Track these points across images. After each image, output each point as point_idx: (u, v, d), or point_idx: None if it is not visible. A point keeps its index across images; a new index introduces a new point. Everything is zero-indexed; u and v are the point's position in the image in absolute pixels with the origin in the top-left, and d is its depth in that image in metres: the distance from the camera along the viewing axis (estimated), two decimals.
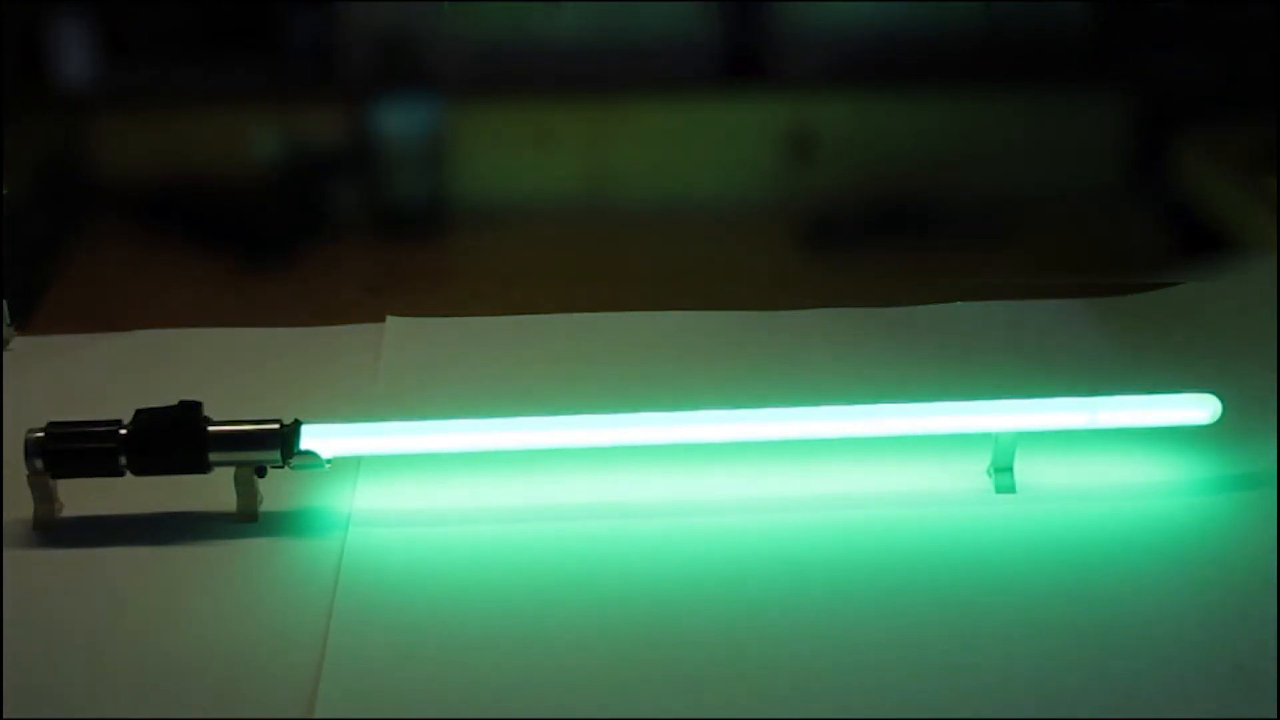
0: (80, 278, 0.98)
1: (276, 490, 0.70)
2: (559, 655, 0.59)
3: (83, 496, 0.68)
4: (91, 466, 0.67)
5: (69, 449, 0.66)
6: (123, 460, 0.67)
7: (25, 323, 0.85)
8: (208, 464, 0.67)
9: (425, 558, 0.66)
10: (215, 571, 0.65)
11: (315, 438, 0.68)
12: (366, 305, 0.87)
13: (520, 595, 0.63)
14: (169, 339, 0.83)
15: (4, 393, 0.75)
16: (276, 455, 0.67)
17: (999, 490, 0.70)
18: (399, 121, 1.27)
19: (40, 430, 0.67)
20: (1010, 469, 0.70)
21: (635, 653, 0.60)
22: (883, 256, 1.05)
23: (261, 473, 0.69)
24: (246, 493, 0.68)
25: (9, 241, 0.86)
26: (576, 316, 0.86)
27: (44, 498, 0.68)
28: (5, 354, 0.82)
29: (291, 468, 0.68)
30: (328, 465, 0.68)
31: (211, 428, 0.67)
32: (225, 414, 0.68)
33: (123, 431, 0.66)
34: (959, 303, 0.86)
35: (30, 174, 1.13)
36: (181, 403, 0.68)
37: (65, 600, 0.63)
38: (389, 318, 0.85)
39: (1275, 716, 0.56)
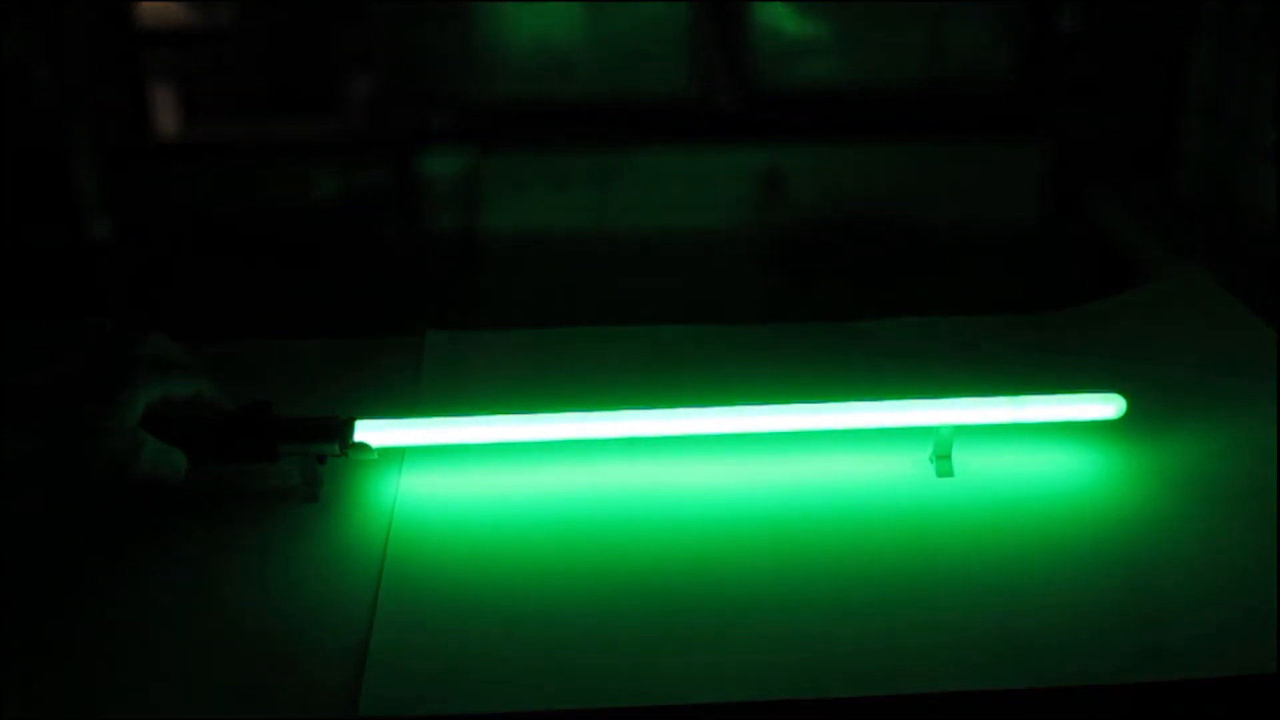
0: (169, 296, 0.98)
1: (334, 476, 0.69)
2: (581, 611, 0.60)
3: None
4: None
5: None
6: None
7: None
8: (277, 453, 0.67)
9: (459, 531, 0.66)
10: (283, 543, 0.65)
11: (366, 431, 0.67)
12: (410, 320, 0.87)
13: (541, 564, 0.63)
14: (244, 349, 0.83)
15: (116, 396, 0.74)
16: (334, 446, 0.67)
17: (939, 475, 0.70)
18: (440, 166, 1.27)
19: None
20: (949, 457, 0.70)
21: (632, 605, 0.60)
22: (840, 277, 1.05)
23: (322, 461, 0.68)
24: (309, 478, 0.68)
25: (114, 266, 0.86)
26: (589, 329, 0.85)
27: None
28: None
29: (347, 457, 0.68)
30: (376, 455, 0.68)
31: (280, 422, 0.67)
32: (291, 411, 0.67)
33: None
34: (905, 317, 0.86)
35: (132, 211, 1.13)
36: (254, 401, 0.67)
37: (156, 562, 0.63)
38: (428, 331, 0.84)
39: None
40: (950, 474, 0.70)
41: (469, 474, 0.70)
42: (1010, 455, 0.71)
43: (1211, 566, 0.62)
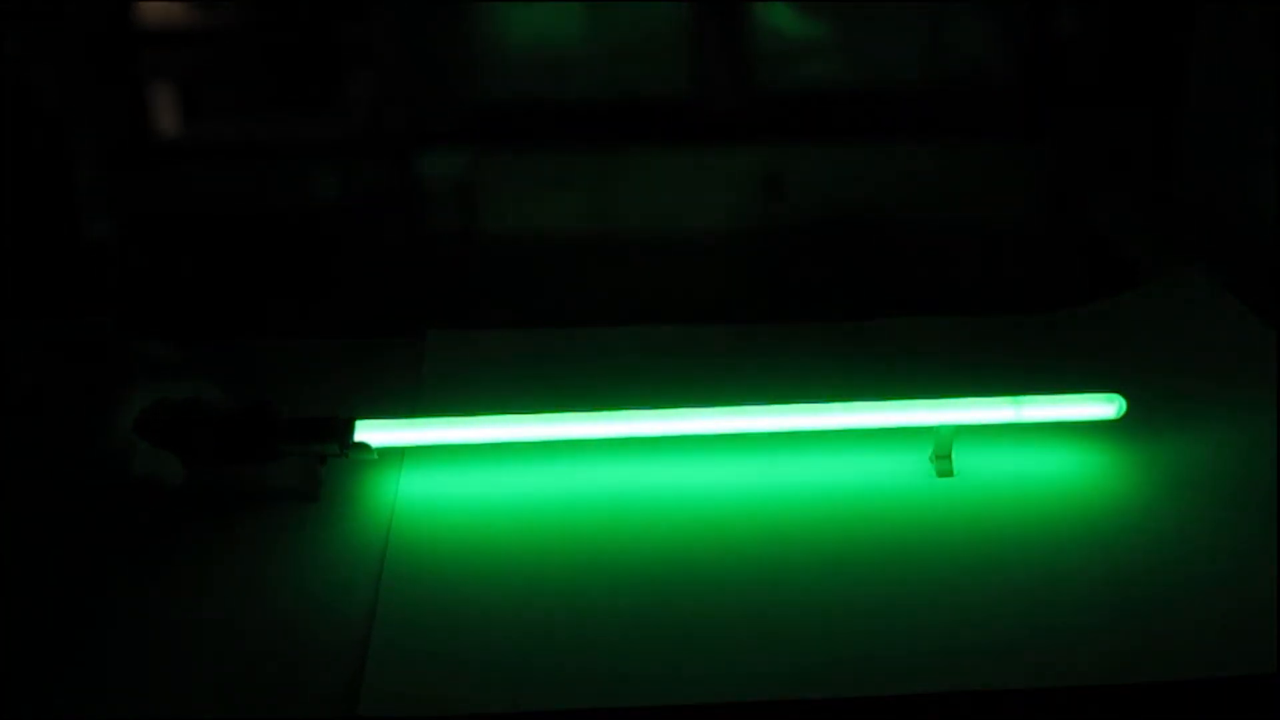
0: (169, 296, 0.98)
1: (335, 476, 0.69)
2: (576, 606, 0.60)
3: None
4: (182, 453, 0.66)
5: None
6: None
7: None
8: (278, 453, 0.67)
9: (459, 532, 0.66)
10: (283, 543, 0.65)
11: (367, 431, 0.67)
12: (410, 320, 0.87)
13: (540, 564, 0.63)
14: (244, 349, 0.83)
15: (113, 399, 0.74)
16: (335, 446, 0.67)
17: (939, 475, 0.70)
18: (440, 166, 1.27)
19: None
20: (949, 457, 0.70)
21: (629, 606, 0.60)
22: (840, 277, 1.05)
23: (322, 460, 0.68)
24: (309, 477, 0.68)
25: (114, 266, 0.86)
26: (589, 329, 0.85)
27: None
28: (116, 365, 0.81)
29: (347, 457, 0.68)
30: (376, 455, 0.68)
31: (281, 422, 0.67)
32: (292, 411, 0.67)
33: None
34: (905, 317, 0.86)
35: (132, 211, 1.13)
36: (255, 401, 0.67)
37: (156, 562, 0.63)
38: (430, 331, 0.84)
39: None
40: (950, 474, 0.70)
41: (469, 474, 0.70)
42: (1010, 455, 0.71)
43: (1211, 566, 0.62)
